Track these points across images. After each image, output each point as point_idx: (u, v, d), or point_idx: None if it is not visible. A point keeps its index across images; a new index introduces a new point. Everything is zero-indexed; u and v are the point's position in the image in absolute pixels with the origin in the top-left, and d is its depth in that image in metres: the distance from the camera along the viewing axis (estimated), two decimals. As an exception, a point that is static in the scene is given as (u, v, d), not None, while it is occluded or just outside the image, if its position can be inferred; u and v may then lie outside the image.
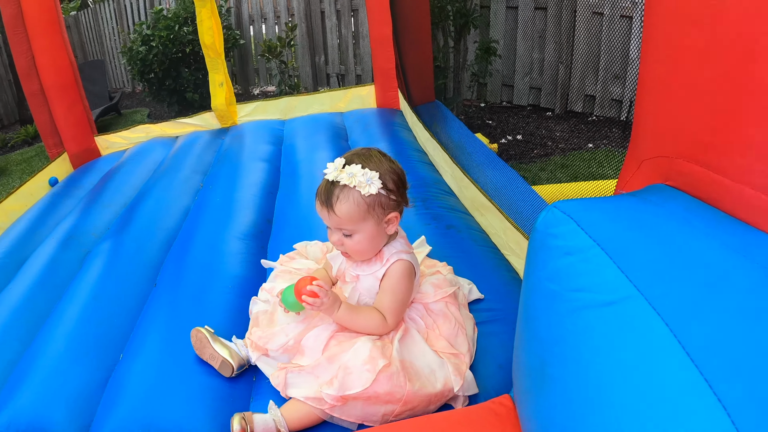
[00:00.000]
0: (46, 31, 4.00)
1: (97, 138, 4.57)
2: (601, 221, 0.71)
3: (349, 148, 3.54)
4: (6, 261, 2.82)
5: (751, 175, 0.69)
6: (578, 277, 0.70)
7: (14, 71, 8.66)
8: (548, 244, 0.76)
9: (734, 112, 0.70)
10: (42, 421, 1.58)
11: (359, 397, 1.33)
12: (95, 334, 1.93)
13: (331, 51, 7.44)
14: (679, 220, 0.69)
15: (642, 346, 0.58)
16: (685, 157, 0.79)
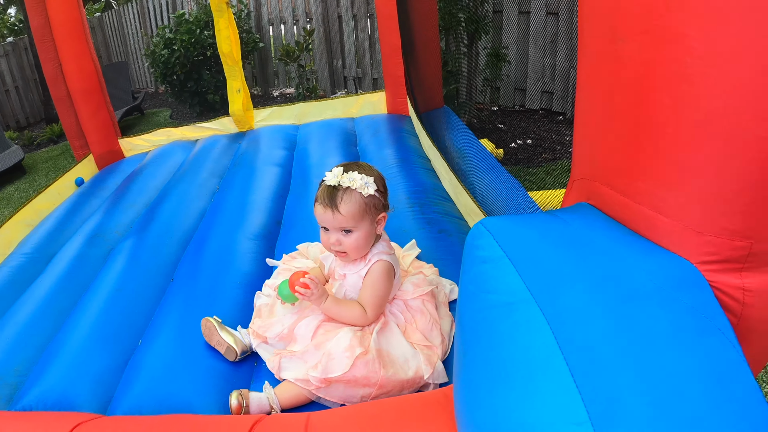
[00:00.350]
0: (71, 39, 4.22)
1: (120, 140, 4.80)
2: (513, 236, 0.87)
3: (357, 154, 3.74)
4: (36, 255, 3.06)
5: (650, 199, 0.85)
6: (489, 282, 0.85)
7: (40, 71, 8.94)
8: (473, 254, 0.93)
9: (635, 144, 0.85)
10: (68, 398, 1.78)
11: (340, 380, 1.51)
12: (117, 322, 2.14)
13: (348, 55, 7.57)
14: (580, 236, 0.85)
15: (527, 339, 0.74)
16: (600, 180, 0.96)
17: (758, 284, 0.84)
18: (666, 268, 0.79)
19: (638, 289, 0.78)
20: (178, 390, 1.70)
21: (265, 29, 8.35)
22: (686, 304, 0.74)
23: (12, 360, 2.08)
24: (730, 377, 0.68)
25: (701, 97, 0.71)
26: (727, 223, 0.77)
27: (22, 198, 6.72)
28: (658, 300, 0.74)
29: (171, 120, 8.61)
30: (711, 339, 0.72)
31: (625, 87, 0.84)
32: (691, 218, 0.79)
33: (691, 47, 0.70)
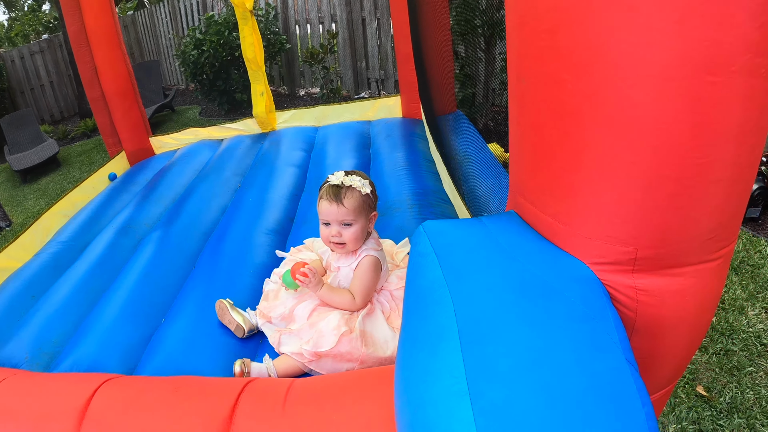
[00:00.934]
0: (106, 45, 4.53)
1: (151, 138, 5.09)
2: (442, 236, 1.09)
3: (370, 156, 3.97)
4: (72, 244, 3.35)
5: (550, 209, 1.04)
6: (421, 270, 1.07)
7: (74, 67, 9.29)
8: (414, 248, 1.15)
9: (537, 165, 1.05)
10: (98, 365, 2.05)
11: (328, 355, 1.77)
12: (143, 302, 2.41)
13: (372, 57, 7.75)
14: (494, 238, 1.05)
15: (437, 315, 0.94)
16: (519, 193, 1.16)
17: (650, 285, 1.01)
18: (560, 265, 0.99)
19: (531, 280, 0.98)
20: (193, 360, 1.96)
21: (292, 30, 8.58)
22: (569, 296, 0.93)
23: (50, 333, 2.37)
24: (595, 356, 0.86)
25: (578, 129, 0.91)
26: (612, 231, 0.96)
27: (57, 189, 7.04)
28: (546, 291, 0.94)
29: (200, 117, 8.87)
30: (584, 325, 0.90)
31: (527, 118, 1.05)
32: (581, 227, 0.98)
33: (567, 89, 0.90)
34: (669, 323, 1.07)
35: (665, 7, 0.76)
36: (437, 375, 0.88)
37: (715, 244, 1.00)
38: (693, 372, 2.54)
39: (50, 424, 1.53)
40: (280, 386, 1.49)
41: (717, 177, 0.90)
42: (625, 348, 0.92)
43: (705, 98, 0.81)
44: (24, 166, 7.71)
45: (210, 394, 1.50)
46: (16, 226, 6.23)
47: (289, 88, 9.08)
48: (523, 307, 0.92)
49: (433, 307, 0.98)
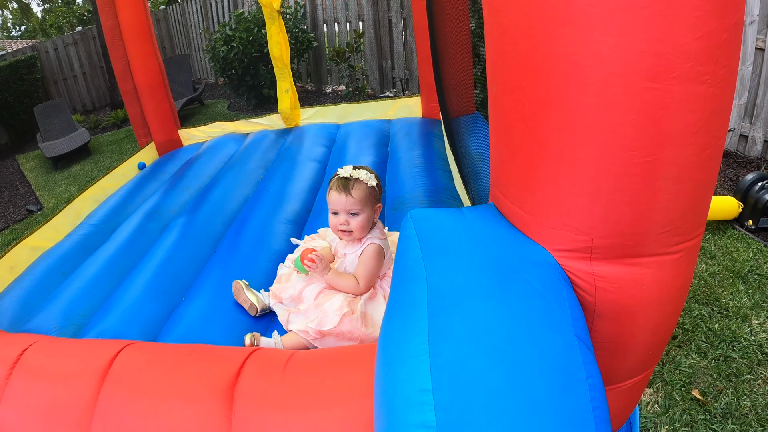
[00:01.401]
0: (138, 40, 4.74)
1: (180, 130, 5.29)
2: (425, 222, 1.23)
3: (388, 154, 4.11)
4: (101, 227, 3.57)
5: (517, 200, 1.16)
6: (405, 251, 1.21)
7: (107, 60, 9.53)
8: (402, 232, 1.29)
9: (505, 161, 1.18)
10: (122, 335, 2.22)
11: (331, 333, 1.93)
12: (166, 282, 2.59)
13: (397, 56, 7.85)
14: (470, 226, 1.18)
15: (412, 290, 1.07)
16: (495, 186, 1.29)
17: (608, 272, 1.10)
18: (523, 250, 1.11)
19: (495, 262, 1.10)
20: (209, 334, 2.12)
21: (320, 29, 8.72)
22: (527, 277, 1.04)
23: (78, 306, 2.56)
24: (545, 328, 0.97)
25: (538, 129, 1.02)
26: (569, 221, 1.06)
27: (87, 177, 7.26)
28: (507, 271, 1.05)
29: (228, 111, 9.03)
30: (538, 301, 1.01)
31: (499, 120, 1.17)
32: (543, 216, 1.10)
33: (527, 95, 1.02)
34: (629, 310, 1.15)
35: (605, 24, 0.88)
36: (406, 337, 1.01)
37: (672, 238, 1.08)
38: (690, 376, 2.57)
39: (75, 381, 1.71)
40: (282, 355, 1.65)
41: (664, 175, 0.99)
42: (579, 327, 1.02)
43: (646, 103, 0.91)
44: (56, 154, 7.94)
45: (220, 358, 1.66)
46: (47, 210, 6.46)
47: (315, 86, 9.22)
48: (484, 284, 1.05)
49: (411, 282, 1.12)
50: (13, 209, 6.82)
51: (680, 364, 2.65)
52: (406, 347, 1.00)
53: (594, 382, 0.94)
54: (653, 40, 0.87)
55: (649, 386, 2.55)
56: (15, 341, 1.99)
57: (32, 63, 10.35)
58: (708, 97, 0.94)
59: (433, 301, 1.03)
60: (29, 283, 2.92)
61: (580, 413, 0.89)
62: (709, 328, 2.84)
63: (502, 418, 0.85)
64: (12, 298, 2.79)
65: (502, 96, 1.12)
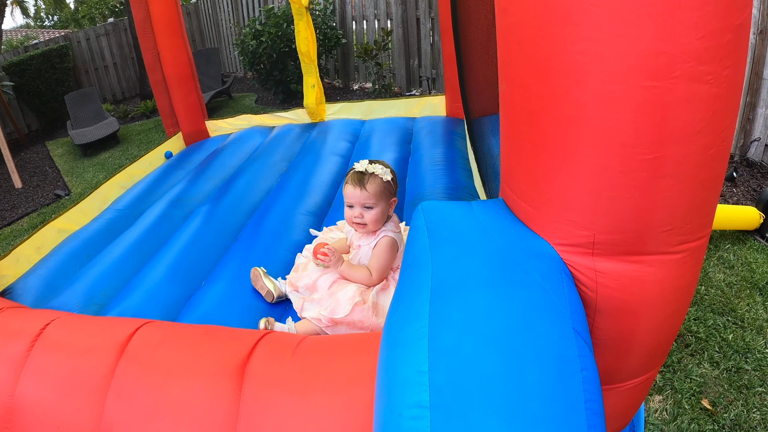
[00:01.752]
0: (169, 33, 4.84)
1: (207, 122, 5.37)
2: (434, 214, 1.27)
3: (411, 151, 4.14)
4: (127, 212, 3.66)
5: (523, 194, 1.19)
6: (414, 240, 1.25)
7: (138, 51, 9.68)
8: (413, 222, 1.33)
9: (513, 156, 1.21)
10: (142, 315, 2.28)
11: (342, 322, 1.98)
12: (187, 266, 2.66)
13: (424, 55, 7.86)
14: (477, 218, 1.22)
15: (418, 276, 1.11)
16: (503, 181, 1.32)
17: (609, 269, 1.12)
18: (526, 243, 1.14)
19: (498, 253, 1.13)
20: (226, 318, 2.17)
21: (349, 26, 8.76)
22: (528, 268, 1.07)
23: (101, 286, 2.64)
24: (541, 319, 1.00)
25: (542, 125, 1.05)
26: (571, 216, 1.09)
27: (115, 164, 7.39)
28: (509, 262, 1.08)
29: (256, 105, 9.10)
30: (536, 292, 1.04)
31: (508, 116, 1.20)
32: (547, 210, 1.12)
33: (532, 91, 1.05)
34: (630, 308, 1.16)
35: (605, 23, 0.90)
36: (408, 321, 1.05)
37: (674, 237, 1.08)
38: (701, 385, 2.57)
39: (93, 355, 1.78)
40: (293, 339, 1.70)
41: (666, 173, 1.00)
42: (577, 320, 1.05)
43: (646, 101, 0.93)
44: (85, 141, 8.08)
45: (233, 339, 1.71)
46: (75, 195, 6.59)
47: (343, 82, 9.26)
48: (486, 273, 1.08)
49: (417, 269, 1.16)
50: (41, 193, 6.96)
51: (692, 372, 2.64)
52: (407, 330, 1.03)
53: (588, 375, 0.96)
54: (653, 39, 0.89)
55: (658, 393, 2.55)
56: (38, 316, 2.07)
57: (64, 52, 10.52)
58: (711, 96, 0.95)
59: (436, 287, 1.07)
60: (54, 263, 3.01)
61: (572, 403, 0.91)
62: (723, 338, 2.83)
63: (493, 402, 0.88)
64: (37, 277, 2.89)
65: (510, 93, 1.15)
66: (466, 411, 0.88)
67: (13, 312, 2.19)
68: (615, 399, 1.37)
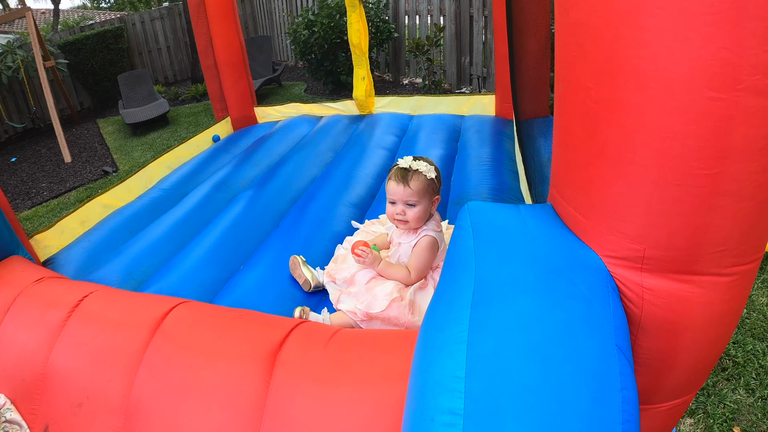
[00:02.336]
0: (222, 18, 4.88)
1: (256, 108, 5.43)
2: (481, 215, 1.24)
3: (458, 149, 4.11)
4: (171, 192, 3.72)
5: (574, 201, 1.15)
6: (459, 240, 1.22)
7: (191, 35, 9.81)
8: (457, 222, 1.30)
9: (566, 161, 1.17)
10: (179, 294, 2.30)
11: (378, 317, 1.96)
12: (227, 249, 2.69)
13: (476, 53, 7.77)
14: (524, 223, 1.19)
15: (460, 277, 1.09)
16: (553, 186, 1.28)
17: (657, 286, 1.08)
18: (574, 253, 1.10)
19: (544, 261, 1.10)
20: (262, 304, 2.18)
21: (401, 20, 8.72)
22: (575, 279, 1.04)
23: (141, 263, 2.68)
24: (584, 333, 0.97)
25: (599, 131, 1.01)
26: (623, 227, 1.05)
27: (164, 145, 7.50)
28: (554, 271, 1.05)
29: (305, 94, 9.13)
30: (581, 305, 1.01)
31: (562, 118, 1.16)
32: (597, 220, 1.08)
33: (590, 95, 1.01)
34: (674, 328, 1.12)
35: (670, 28, 0.86)
36: (448, 324, 1.03)
37: (727, 258, 1.04)
38: (734, 411, 2.48)
39: (128, 329, 1.81)
40: (327, 330, 1.70)
41: (724, 190, 0.95)
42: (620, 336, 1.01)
43: (709, 113, 0.88)
44: (135, 120, 8.23)
45: (267, 326, 1.72)
46: (122, 173, 6.71)
47: (393, 76, 9.23)
48: (531, 281, 1.05)
49: (460, 271, 1.14)
50: (90, 169, 7.11)
51: (726, 398, 2.55)
52: (446, 333, 1.01)
53: (628, 394, 0.93)
54: (720, 48, 0.84)
55: (690, 416, 2.48)
56: (77, 288, 2.11)
57: (119, 34, 10.75)
58: (778, 111, 0.89)
59: (479, 291, 1.05)
60: (97, 237, 3.08)
61: (609, 423, 0.89)
62: (761, 364, 2.73)
63: (528, 415, 0.86)
64: (80, 250, 2.95)
65: (566, 95, 1.11)
66: (500, 423, 0.86)
67: (53, 281, 2.25)
68: (649, 420, 1.34)
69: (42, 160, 7.82)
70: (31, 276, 2.29)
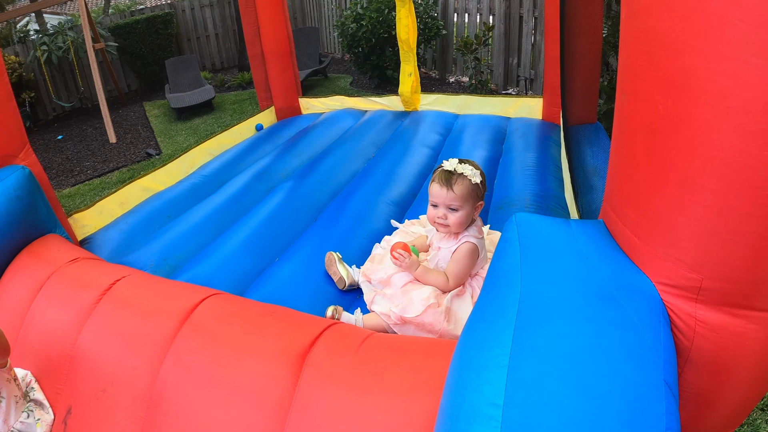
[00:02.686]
0: (270, 8, 4.88)
1: (300, 99, 5.41)
2: (529, 228, 1.18)
3: (502, 152, 4.02)
4: (212, 179, 3.72)
5: (630, 222, 1.08)
6: (503, 253, 1.16)
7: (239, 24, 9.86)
8: (503, 234, 1.24)
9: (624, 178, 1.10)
10: (212, 282, 2.29)
11: (412, 322, 1.90)
12: (263, 240, 2.66)
13: (524, 55, 7.67)
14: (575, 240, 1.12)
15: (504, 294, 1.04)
16: (608, 203, 1.21)
17: (711, 319, 1.01)
18: (626, 277, 1.04)
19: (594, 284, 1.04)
20: (294, 299, 2.15)
21: (450, 17, 8.64)
22: (626, 306, 0.98)
23: (177, 249, 2.68)
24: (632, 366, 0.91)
25: (663, 148, 0.94)
26: (681, 254, 0.98)
27: (207, 131, 7.57)
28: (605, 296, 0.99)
29: (350, 87, 9.11)
30: (631, 335, 0.95)
31: (623, 131, 1.09)
32: (654, 244, 1.02)
33: (658, 109, 0.93)
34: (724, 364, 1.06)
35: (751, 42, 0.78)
36: (488, 345, 0.98)
37: None
38: None
39: (157, 318, 1.80)
40: (359, 333, 1.66)
41: None
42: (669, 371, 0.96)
43: None
44: (181, 105, 8.32)
45: (298, 325, 1.69)
46: (165, 156, 6.79)
47: (439, 73, 9.16)
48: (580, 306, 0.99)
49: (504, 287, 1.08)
50: (133, 150, 7.21)
51: (759, 428, 2.45)
52: (485, 355, 0.96)
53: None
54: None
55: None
56: (110, 271, 2.11)
57: (168, 19, 10.90)
58: None
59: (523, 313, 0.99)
60: (135, 220, 3.09)
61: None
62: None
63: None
64: (117, 231, 2.97)
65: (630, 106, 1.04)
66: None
67: (87, 263, 2.25)
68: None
69: (87, 139, 7.96)
70: (66, 255, 2.30)
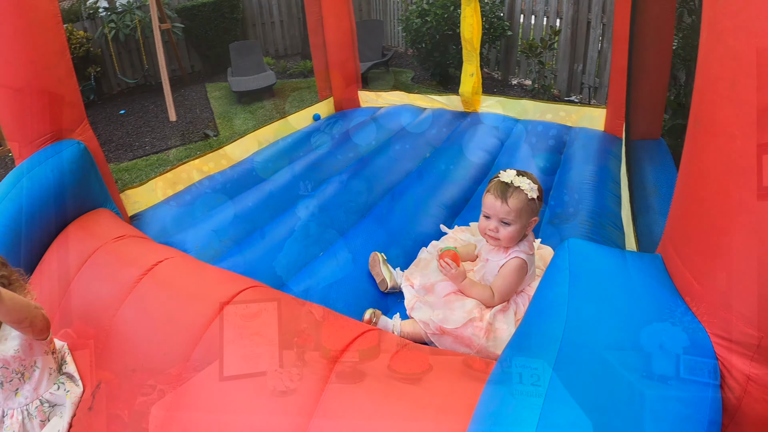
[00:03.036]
0: (334, 0, 4.86)
1: (360, 92, 5.39)
2: (581, 256, 1.12)
3: (560, 163, 3.92)
4: (265, 165, 3.73)
5: (691, 264, 1.01)
6: (552, 283, 1.11)
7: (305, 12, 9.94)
8: (554, 259, 1.19)
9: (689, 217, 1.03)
10: (253, 271, 2.29)
11: (450, 333, 1.85)
12: (309, 233, 2.65)
13: (590, 62, 7.48)
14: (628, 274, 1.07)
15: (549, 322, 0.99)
16: (668, 237, 1.15)
17: (765, 379, 0.94)
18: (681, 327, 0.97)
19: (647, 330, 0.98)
20: (334, 297, 2.14)
21: (516, 19, 8.50)
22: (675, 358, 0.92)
23: (222, 233, 2.70)
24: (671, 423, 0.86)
25: (739, 189, 0.87)
26: (743, 309, 0.91)
27: (266, 116, 7.64)
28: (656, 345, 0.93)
29: (411, 82, 9.05)
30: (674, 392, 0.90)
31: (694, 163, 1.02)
32: (714, 291, 0.95)
33: (737, 145, 0.86)
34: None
35: None
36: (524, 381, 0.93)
37: None
38: None
39: (196, 304, 1.81)
40: (393, 343, 1.62)
41: None
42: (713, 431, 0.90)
43: None
44: (242, 89, 8.40)
45: (333, 327, 1.66)
46: (222, 138, 6.87)
47: (502, 75, 9.03)
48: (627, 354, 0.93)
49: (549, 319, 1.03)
50: (192, 130, 7.33)
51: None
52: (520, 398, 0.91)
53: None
54: None
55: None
56: (155, 250, 2.14)
57: (235, 4, 11.07)
58: None
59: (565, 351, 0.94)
60: (186, 201, 3.14)
61: None
62: None
63: None
64: (167, 210, 3.02)
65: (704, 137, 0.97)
66: None
67: (133, 241, 2.28)
68: None
69: (148, 116, 8.11)
70: (113, 232, 2.33)
